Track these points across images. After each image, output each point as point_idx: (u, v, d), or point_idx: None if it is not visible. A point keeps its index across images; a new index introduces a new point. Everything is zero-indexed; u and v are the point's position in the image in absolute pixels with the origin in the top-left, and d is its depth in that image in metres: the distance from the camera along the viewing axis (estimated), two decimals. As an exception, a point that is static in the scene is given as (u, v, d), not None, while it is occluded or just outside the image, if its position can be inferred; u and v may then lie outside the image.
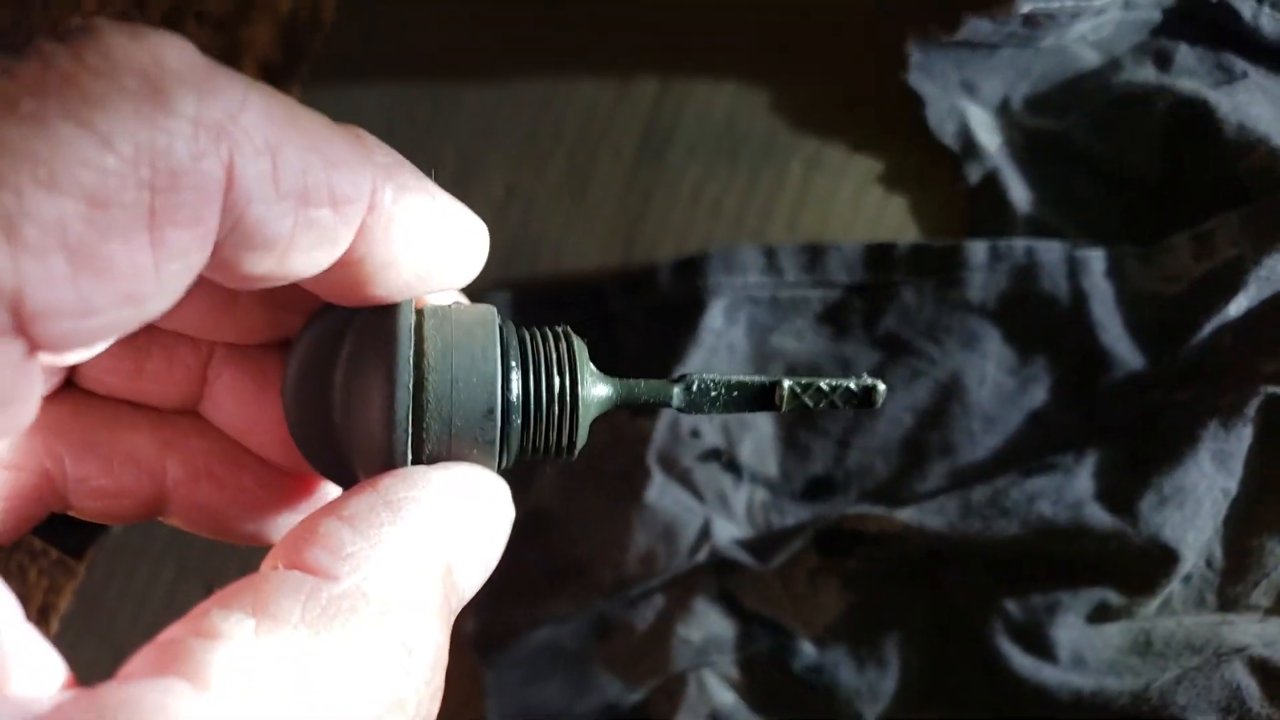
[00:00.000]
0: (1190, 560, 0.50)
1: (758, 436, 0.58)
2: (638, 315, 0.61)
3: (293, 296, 0.24)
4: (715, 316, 0.59)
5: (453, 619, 0.22)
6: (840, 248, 0.59)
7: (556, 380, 0.24)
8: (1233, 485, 0.51)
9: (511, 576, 0.59)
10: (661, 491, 0.57)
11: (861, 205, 0.61)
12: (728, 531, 0.56)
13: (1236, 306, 0.53)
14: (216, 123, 0.18)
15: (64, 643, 0.71)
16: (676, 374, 0.26)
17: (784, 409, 0.26)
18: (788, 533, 0.55)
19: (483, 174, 0.68)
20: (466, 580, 0.22)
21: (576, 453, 0.25)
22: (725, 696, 0.55)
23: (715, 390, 0.26)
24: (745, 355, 0.59)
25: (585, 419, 0.25)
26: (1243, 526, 0.51)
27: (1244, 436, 0.50)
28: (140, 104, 0.17)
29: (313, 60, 0.75)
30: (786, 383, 0.26)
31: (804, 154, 0.62)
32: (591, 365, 0.26)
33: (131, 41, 0.17)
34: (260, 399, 0.26)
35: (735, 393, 0.26)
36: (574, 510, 0.59)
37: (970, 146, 0.59)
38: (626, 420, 0.60)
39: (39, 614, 0.72)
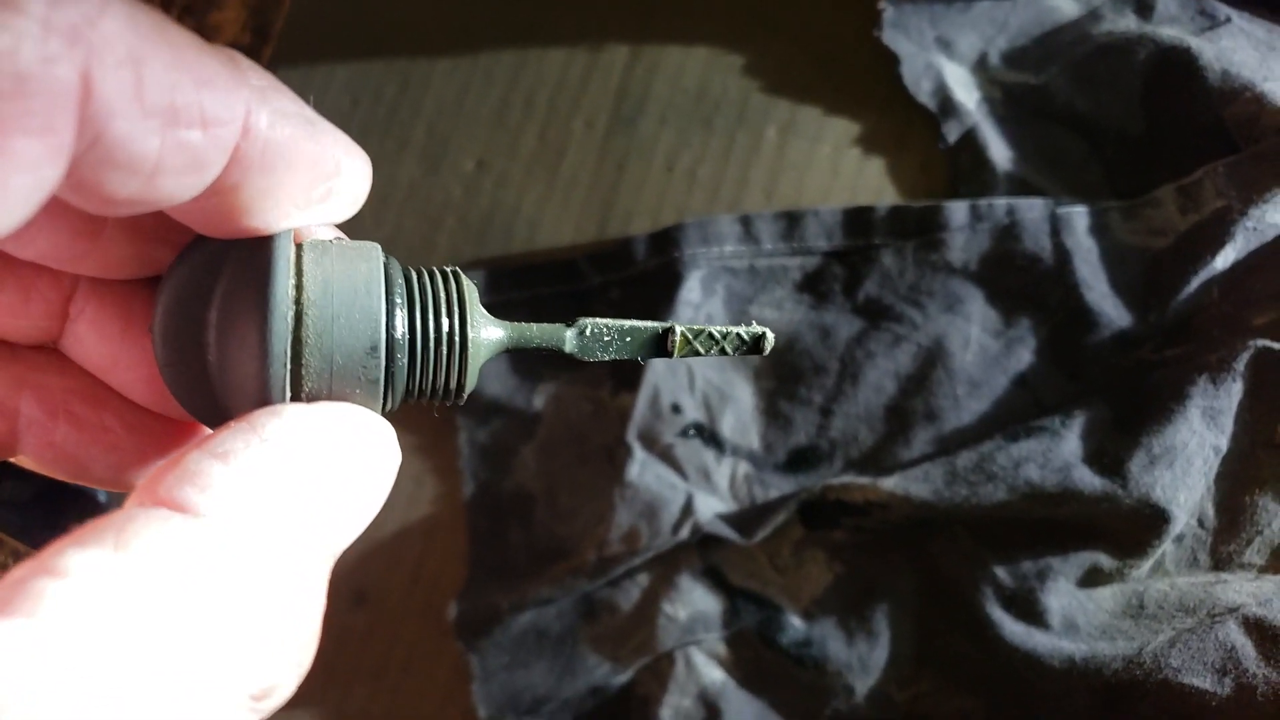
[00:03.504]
0: (1182, 520, 0.49)
1: (739, 409, 0.57)
2: (614, 289, 0.60)
3: (162, 229, 0.23)
4: (692, 288, 0.57)
5: (330, 565, 0.20)
6: (818, 213, 0.57)
7: (445, 320, 0.24)
8: (1223, 442, 0.49)
9: (494, 559, 0.58)
10: (643, 468, 0.56)
11: (839, 169, 0.59)
12: (711, 506, 0.55)
13: (1224, 259, 0.51)
14: (70, 25, 0.16)
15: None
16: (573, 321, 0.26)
17: (676, 355, 0.26)
18: (771, 506, 0.54)
19: (453, 149, 0.66)
20: (347, 526, 0.21)
21: (465, 396, 0.25)
22: (714, 674, 0.54)
23: (608, 335, 0.26)
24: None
25: (475, 361, 0.24)
26: (1234, 484, 0.50)
27: (1234, 392, 0.49)
28: None
29: (277, 39, 0.73)
30: (679, 329, 0.26)
31: (778, 119, 0.61)
32: (481, 307, 0.25)
33: None
34: (126, 336, 0.25)
35: (628, 338, 0.26)
36: (556, 490, 0.58)
37: (948, 104, 0.57)
38: (608, 397, 0.59)
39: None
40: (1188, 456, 0.49)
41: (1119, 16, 0.57)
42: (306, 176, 0.22)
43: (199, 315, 0.22)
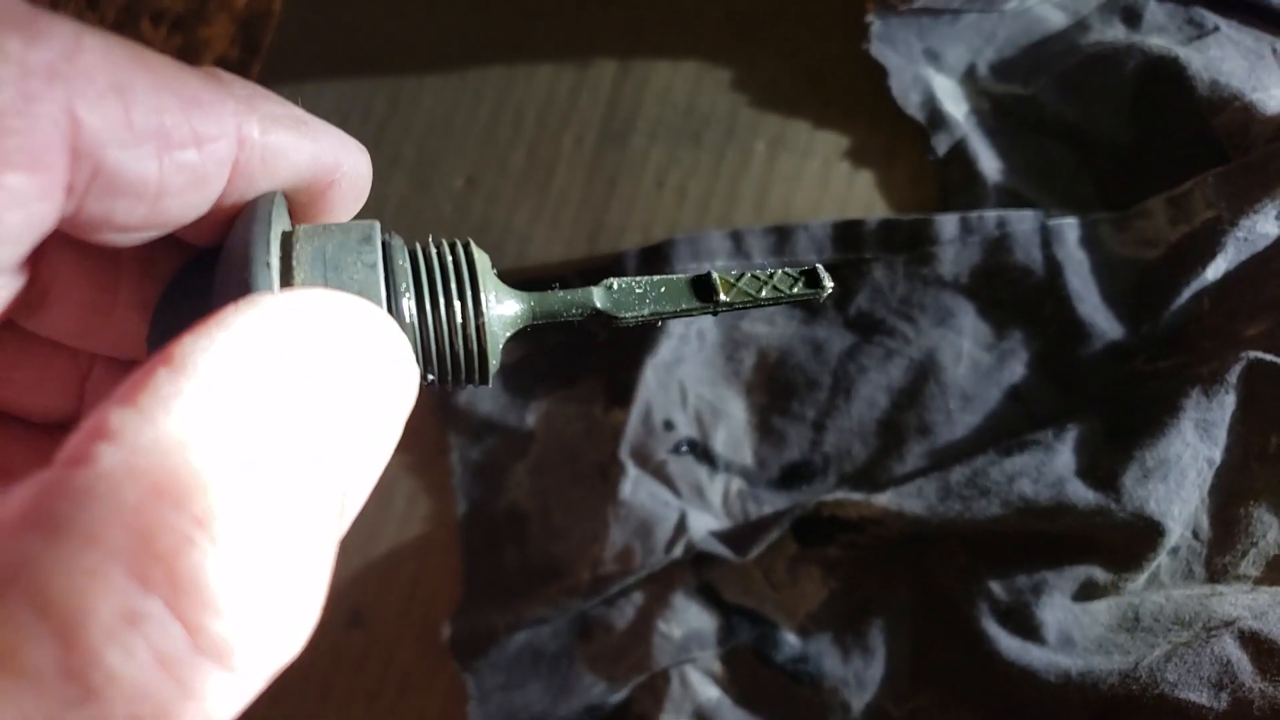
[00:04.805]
0: (1176, 532, 0.49)
1: (731, 425, 0.57)
2: (605, 306, 0.60)
3: None
4: (683, 304, 0.57)
5: (323, 524, 0.16)
6: (808, 227, 0.57)
7: (456, 301, 0.22)
8: (1217, 454, 0.49)
9: (488, 578, 0.58)
10: (636, 486, 0.56)
11: (828, 183, 0.59)
12: (704, 524, 0.55)
13: (1215, 270, 0.51)
14: (47, 65, 0.17)
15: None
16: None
17: (723, 300, 0.23)
18: (765, 522, 0.53)
19: (443, 167, 0.66)
20: (329, 452, 0.16)
21: (490, 377, 0.23)
22: (709, 691, 0.54)
23: (640, 288, 0.24)
24: (715, 341, 0.58)
25: (494, 338, 0.22)
26: (1229, 496, 0.50)
27: (1226, 404, 0.49)
28: None
29: (265, 57, 0.73)
30: (715, 274, 0.24)
31: (767, 133, 0.60)
32: (497, 279, 0.23)
33: None
34: None
35: (663, 289, 0.24)
36: (549, 509, 0.58)
37: (936, 116, 0.57)
38: (600, 414, 0.59)
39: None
40: (1181, 469, 0.49)
41: (1107, 26, 0.56)
42: (310, 173, 0.22)
43: (194, 316, 0.21)
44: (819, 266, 0.24)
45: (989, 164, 0.56)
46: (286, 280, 0.19)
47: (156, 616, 0.14)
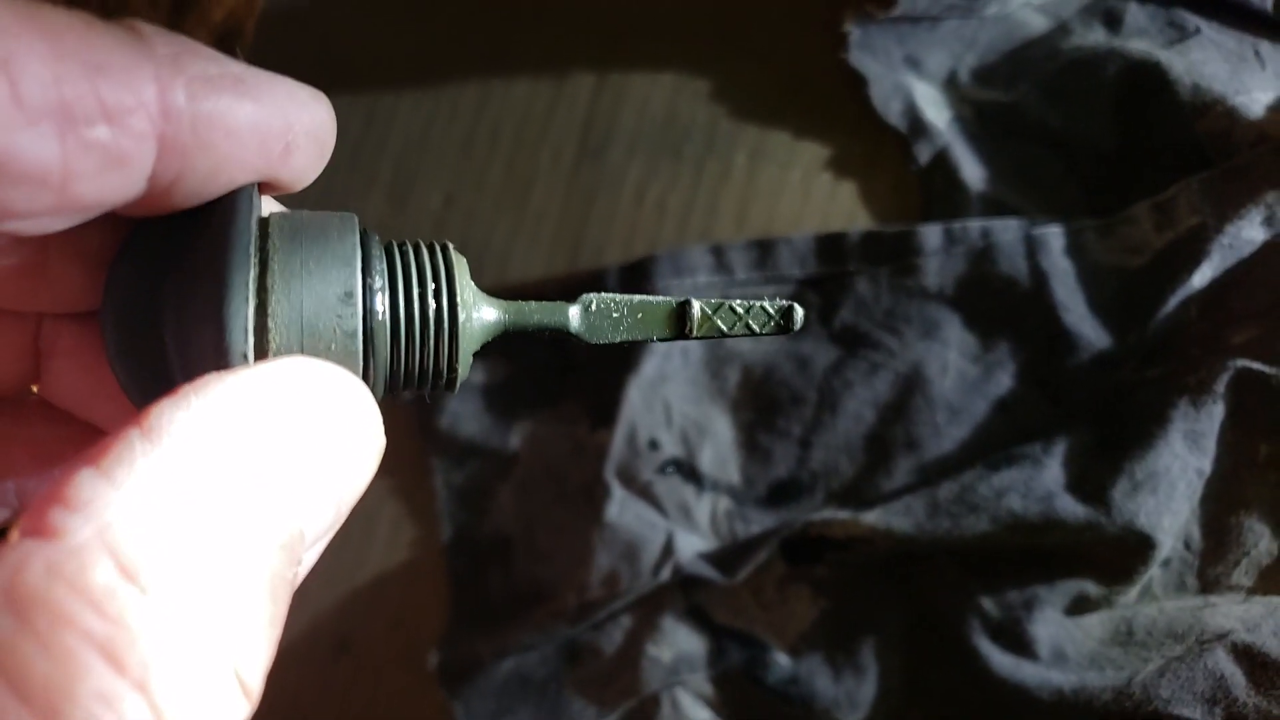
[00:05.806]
0: (1167, 545, 0.49)
1: (717, 443, 0.56)
2: (587, 324, 0.59)
3: (111, 254, 0.21)
4: (666, 321, 0.56)
5: (281, 585, 0.16)
6: (790, 241, 0.57)
7: (431, 299, 0.21)
8: (1206, 464, 0.49)
9: (475, 604, 0.58)
10: (622, 508, 0.55)
11: (810, 194, 0.58)
12: (691, 544, 0.54)
13: (1201, 277, 0.51)
14: None
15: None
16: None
17: (695, 333, 0.24)
18: (753, 542, 0.53)
19: (420, 185, 0.65)
20: (290, 522, 0.17)
21: (457, 385, 0.22)
22: (700, 714, 0.53)
23: (617, 311, 0.24)
24: (700, 358, 0.57)
25: (467, 344, 0.22)
26: (1220, 506, 0.49)
27: (1215, 414, 0.48)
28: None
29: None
30: (696, 303, 0.24)
31: (747, 145, 0.60)
32: (474, 285, 0.23)
33: None
34: (101, 367, 0.22)
35: (640, 314, 0.24)
36: (535, 532, 0.57)
37: (918, 125, 0.56)
38: (585, 434, 0.58)
39: None
40: (1171, 481, 0.48)
41: (1088, 30, 0.56)
42: (254, 140, 0.19)
43: (153, 287, 0.20)
44: (795, 306, 0.24)
45: (972, 172, 0.56)
46: (262, 341, 0.19)
47: (128, 698, 0.14)
